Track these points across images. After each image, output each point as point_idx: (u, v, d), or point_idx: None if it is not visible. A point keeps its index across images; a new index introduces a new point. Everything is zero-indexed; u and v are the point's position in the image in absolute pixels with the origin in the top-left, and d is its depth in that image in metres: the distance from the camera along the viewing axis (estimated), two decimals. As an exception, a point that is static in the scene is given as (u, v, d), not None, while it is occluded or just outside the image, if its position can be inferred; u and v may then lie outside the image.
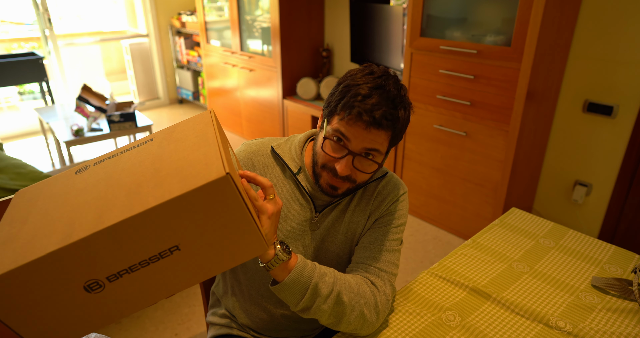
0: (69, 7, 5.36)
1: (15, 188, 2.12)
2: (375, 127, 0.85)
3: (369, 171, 0.92)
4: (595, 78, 2.25)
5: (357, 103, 0.84)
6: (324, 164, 0.92)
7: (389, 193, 1.02)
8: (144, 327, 1.95)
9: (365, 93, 0.85)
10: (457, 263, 1.23)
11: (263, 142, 1.04)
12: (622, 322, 1.02)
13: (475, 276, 1.17)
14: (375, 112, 0.84)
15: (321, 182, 0.94)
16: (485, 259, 1.25)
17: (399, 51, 2.81)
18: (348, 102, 0.86)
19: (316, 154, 0.94)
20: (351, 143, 0.87)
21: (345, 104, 0.86)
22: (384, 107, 0.85)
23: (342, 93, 0.88)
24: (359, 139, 0.86)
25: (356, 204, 1.02)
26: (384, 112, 0.84)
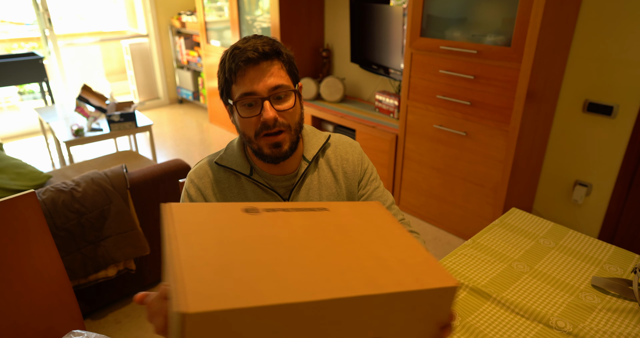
0: (69, 7, 5.36)
1: (16, 188, 2.12)
2: (263, 59, 0.88)
3: (291, 106, 0.93)
4: (595, 78, 2.25)
5: (237, 55, 0.89)
6: (255, 132, 0.93)
7: (350, 155, 1.09)
8: (144, 327, 1.95)
9: (240, 48, 0.89)
10: (457, 263, 1.23)
11: (203, 164, 1.04)
12: (622, 322, 1.02)
13: (475, 276, 1.17)
14: (254, 48, 0.88)
15: (265, 151, 0.94)
16: (485, 259, 1.25)
17: (399, 51, 2.81)
18: (232, 67, 0.89)
19: (244, 132, 0.95)
20: (257, 91, 0.89)
21: (231, 70, 0.90)
22: (260, 42, 0.90)
23: (224, 68, 0.92)
24: (258, 82, 0.89)
25: (323, 178, 1.06)
26: (262, 43, 0.89)
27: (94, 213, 1.83)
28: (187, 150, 3.95)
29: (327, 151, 1.08)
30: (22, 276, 1.24)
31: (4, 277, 1.20)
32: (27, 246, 1.23)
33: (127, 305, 2.09)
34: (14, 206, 1.19)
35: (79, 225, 1.79)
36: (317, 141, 1.06)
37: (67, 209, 1.77)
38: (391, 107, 3.04)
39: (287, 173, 1.02)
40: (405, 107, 2.69)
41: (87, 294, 1.93)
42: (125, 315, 2.02)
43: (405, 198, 2.90)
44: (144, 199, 2.00)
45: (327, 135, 1.09)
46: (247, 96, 0.89)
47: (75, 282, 1.83)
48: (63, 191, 1.79)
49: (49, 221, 1.74)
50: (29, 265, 1.24)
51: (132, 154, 2.91)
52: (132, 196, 1.96)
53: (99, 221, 1.84)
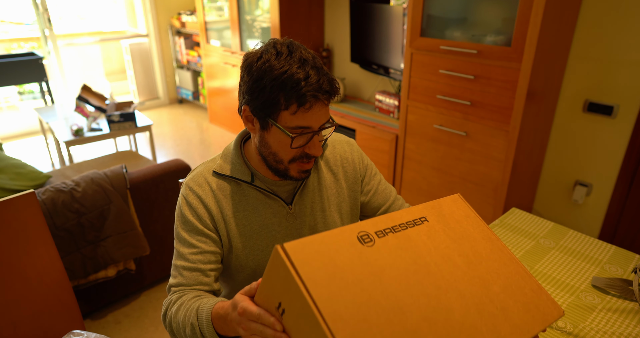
0: (68, 7, 5.36)
1: (15, 188, 2.12)
2: (332, 97, 0.88)
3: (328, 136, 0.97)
4: (595, 78, 2.25)
5: (305, 88, 0.83)
6: (293, 158, 0.92)
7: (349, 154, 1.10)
8: (144, 327, 1.95)
9: (302, 75, 0.83)
10: (457, 263, 1.23)
11: (201, 172, 1.01)
12: (623, 322, 1.02)
13: (475, 276, 1.17)
14: (323, 85, 0.85)
15: (293, 174, 0.95)
16: (485, 259, 1.25)
17: (399, 51, 2.81)
18: (292, 92, 0.83)
19: (277, 152, 0.92)
20: (312, 127, 0.88)
21: (289, 96, 0.83)
22: (324, 76, 0.86)
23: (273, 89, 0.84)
24: (319, 119, 0.88)
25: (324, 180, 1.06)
26: (328, 80, 0.86)
27: (93, 213, 1.82)
28: (187, 150, 3.95)
29: (325, 152, 1.08)
30: (22, 276, 1.23)
31: (4, 277, 1.20)
32: (27, 246, 1.23)
33: (127, 305, 2.09)
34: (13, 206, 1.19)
35: (78, 225, 1.79)
36: None
37: (67, 209, 1.77)
38: (391, 107, 3.04)
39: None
40: (405, 107, 2.69)
41: (87, 294, 1.93)
42: (125, 315, 2.02)
43: (405, 198, 2.90)
44: (144, 199, 2.00)
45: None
46: (301, 129, 0.87)
47: (75, 282, 1.83)
48: (63, 191, 1.79)
49: (48, 221, 1.73)
50: (29, 265, 1.24)
51: (132, 154, 2.91)
52: (132, 196, 1.96)
53: (99, 221, 1.84)
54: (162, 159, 3.75)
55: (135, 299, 2.12)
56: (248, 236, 1.00)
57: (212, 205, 0.98)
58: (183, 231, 0.98)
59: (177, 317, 0.90)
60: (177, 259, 0.98)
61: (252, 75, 0.87)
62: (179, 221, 0.99)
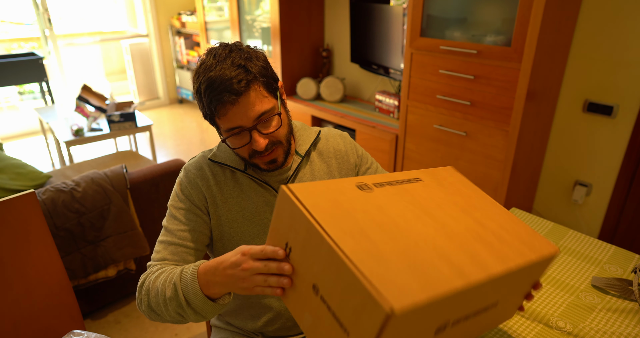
0: (69, 7, 5.36)
1: (16, 188, 2.12)
2: (239, 96, 0.86)
3: (277, 126, 0.93)
4: (595, 78, 2.25)
5: (212, 95, 0.86)
6: (249, 155, 0.96)
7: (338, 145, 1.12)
8: (144, 327, 1.95)
9: (209, 84, 0.86)
10: (457, 263, 1.23)
11: (199, 159, 1.05)
12: (622, 322, 1.02)
13: (475, 276, 1.17)
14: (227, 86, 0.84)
15: (262, 167, 0.98)
16: (485, 259, 1.25)
17: (399, 51, 2.81)
18: (209, 101, 0.87)
19: (238, 153, 0.98)
20: (242, 126, 0.89)
21: (209, 105, 0.87)
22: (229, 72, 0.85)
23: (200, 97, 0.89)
24: (242, 117, 0.88)
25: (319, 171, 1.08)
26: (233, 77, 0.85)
27: (93, 213, 1.83)
28: (187, 150, 3.95)
29: (318, 145, 1.11)
30: (22, 276, 1.24)
31: (4, 277, 1.20)
32: (27, 246, 1.23)
33: (127, 305, 2.09)
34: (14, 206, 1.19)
35: (78, 225, 1.79)
36: (308, 136, 1.08)
37: (67, 209, 1.77)
38: (391, 107, 3.04)
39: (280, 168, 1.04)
40: (405, 107, 2.69)
41: (87, 294, 1.93)
42: (125, 315, 2.02)
43: (405, 198, 2.90)
44: (144, 199, 2.00)
45: (317, 130, 1.11)
46: (233, 130, 0.90)
47: (75, 282, 1.83)
48: (63, 191, 1.79)
49: (49, 221, 1.74)
50: (29, 265, 1.24)
51: (132, 154, 2.91)
52: (132, 196, 1.96)
53: (99, 221, 1.84)
54: (162, 159, 3.75)
55: (135, 299, 2.12)
56: (240, 222, 1.03)
57: (206, 188, 1.01)
58: (175, 209, 1.00)
59: (155, 283, 0.87)
60: (164, 235, 0.99)
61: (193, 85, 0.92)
62: (173, 201, 1.02)
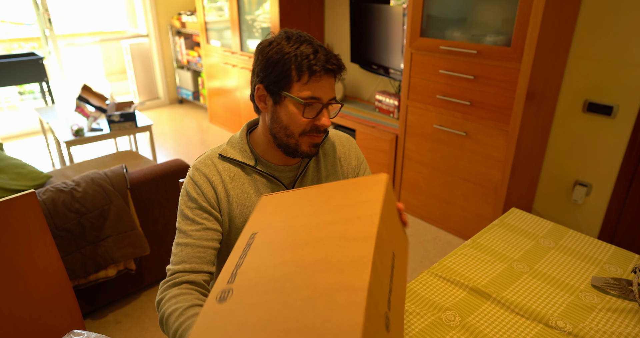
0: (69, 7, 5.36)
1: (16, 188, 2.12)
2: (336, 73, 0.96)
3: (335, 115, 1.04)
4: (595, 78, 2.25)
5: (314, 61, 0.92)
6: (303, 130, 0.98)
7: (347, 149, 1.16)
8: (144, 327, 1.95)
9: (311, 51, 0.93)
10: (457, 263, 1.23)
11: (208, 156, 1.06)
12: (622, 322, 1.02)
13: (475, 276, 1.17)
14: (332, 60, 0.94)
15: (304, 149, 1.00)
16: (485, 259, 1.25)
17: (399, 51, 2.81)
18: (303, 65, 0.92)
19: (288, 126, 0.98)
20: (322, 98, 0.95)
21: (302, 68, 0.92)
22: (330, 53, 0.95)
23: (289, 61, 0.93)
24: (327, 91, 0.96)
25: (326, 169, 1.11)
26: (336, 58, 0.96)
27: (94, 213, 1.83)
28: (187, 150, 3.95)
29: (326, 145, 1.14)
30: (22, 276, 1.24)
31: (4, 277, 1.20)
32: (27, 246, 1.23)
33: (127, 305, 2.09)
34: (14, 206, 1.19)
35: (79, 225, 1.80)
36: None
37: (67, 209, 1.77)
38: (391, 107, 3.04)
39: (290, 164, 1.07)
40: (405, 107, 2.69)
41: (87, 294, 1.93)
42: (125, 315, 2.02)
43: (405, 198, 2.90)
44: (144, 199, 2.00)
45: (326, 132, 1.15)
46: (312, 100, 0.94)
47: (75, 282, 1.83)
48: (63, 191, 1.79)
49: (49, 221, 1.74)
50: (29, 265, 1.24)
51: (132, 154, 2.91)
52: (132, 196, 1.96)
53: (99, 221, 1.84)
54: (162, 159, 3.76)
55: (135, 299, 2.12)
56: (245, 217, 1.05)
57: (217, 184, 1.03)
58: (187, 209, 1.01)
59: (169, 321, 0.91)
60: (179, 237, 1.01)
61: (265, 54, 0.95)
62: (184, 200, 1.03)
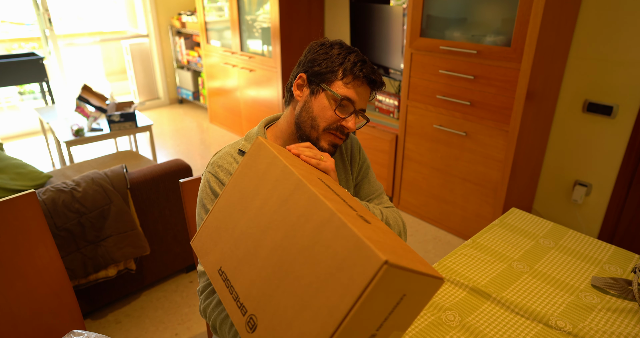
0: (69, 7, 5.36)
1: (16, 188, 2.12)
2: (377, 87, 1.01)
3: (361, 125, 1.07)
4: (595, 78, 2.25)
5: (362, 68, 0.98)
6: (328, 126, 1.01)
7: (351, 145, 1.19)
8: (144, 327, 1.95)
9: (359, 60, 0.99)
10: (457, 263, 1.23)
11: (227, 152, 1.07)
12: (622, 322, 1.02)
13: (475, 276, 1.18)
14: (374, 73, 0.99)
15: (322, 144, 1.02)
16: (485, 259, 1.25)
17: (399, 51, 2.81)
18: (351, 68, 0.98)
19: (315, 118, 1.01)
20: (356, 103, 1.00)
21: (347, 70, 0.98)
22: (376, 69, 1.01)
23: (337, 59, 0.98)
24: (362, 99, 1.00)
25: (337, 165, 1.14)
26: (380, 74, 1.02)
27: (94, 213, 1.83)
28: (187, 150, 3.95)
29: None
30: (22, 276, 1.24)
31: (4, 277, 1.20)
32: (27, 246, 1.23)
33: (127, 305, 2.09)
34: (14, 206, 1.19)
35: (79, 225, 1.80)
36: None
37: (67, 209, 1.77)
38: (391, 107, 3.04)
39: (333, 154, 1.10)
40: (405, 107, 2.69)
41: (87, 294, 1.93)
42: (125, 315, 2.02)
43: (405, 198, 2.90)
44: (144, 199, 2.01)
45: None
46: (347, 101, 0.99)
47: (76, 282, 1.83)
48: (63, 191, 1.79)
49: (49, 221, 1.74)
50: (29, 265, 1.24)
51: (132, 154, 2.91)
52: (132, 196, 1.96)
53: (99, 221, 1.84)
54: (162, 159, 3.76)
55: (135, 299, 2.12)
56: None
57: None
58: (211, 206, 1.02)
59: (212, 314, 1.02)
60: None
61: (317, 50, 1.01)
62: (207, 199, 1.02)
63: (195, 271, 2.33)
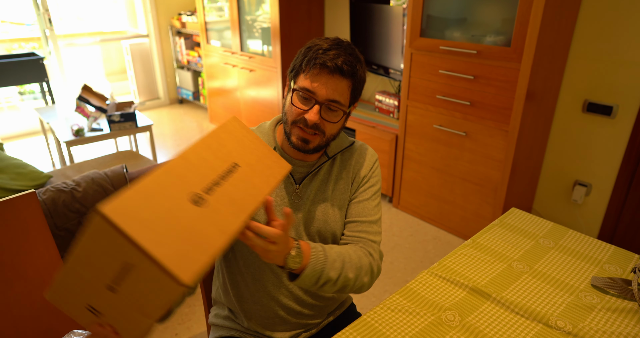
0: (69, 7, 5.36)
1: (16, 188, 2.12)
2: (338, 73, 0.94)
3: (335, 121, 0.99)
4: (595, 78, 2.25)
5: (319, 56, 0.94)
6: (294, 120, 0.99)
7: (364, 161, 1.13)
8: (144, 327, 1.95)
9: (325, 47, 0.95)
10: (457, 263, 1.23)
11: None
12: (622, 322, 1.02)
13: (475, 276, 1.18)
14: (336, 60, 0.94)
15: (293, 139, 1.01)
16: (485, 259, 1.25)
17: (399, 51, 2.81)
18: (311, 58, 0.95)
19: (286, 113, 1.02)
20: (317, 94, 0.95)
21: (309, 61, 0.96)
22: (343, 56, 0.95)
23: (304, 54, 0.98)
24: (324, 88, 0.95)
25: (337, 174, 1.10)
26: (344, 60, 0.94)
27: (94, 213, 1.83)
28: (187, 150, 3.94)
29: (346, 153, 1.13)
30: (22, 276, 1.24)
31: (4, 277, 1.20)
32: (27, 246, 1.23)
33: (127, 305, 2.09)
34: (14, 206, 1.19)
35: (79, 225, 1.80)
36: (341, 143, 1.12)
37: (68, 209, 1.77)
38: (391, 107, 3.04)
39: (307, 161, 1.08)
40: (405, 107, 2.69)
41: (87, 294, 1.93)
42: (126, 315, 2.03)
43: (405, 198, 2.90)
44: (144, 199, 2.00)
45: (352, 141, 1.15)
46: (306, 92, 0.96)
47: (76, 282, 1.83)
48: (63, 191, 1.79)
49: (49, 221, 1.74)
50: (29, 265, 1.24)
51: (132, 154, 2.91)
52: (132, 196, 1.96)
53: (99, 221, 1.84)
54: (162, 159, 3.76)
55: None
56: None
57: None
58: None
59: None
60: None
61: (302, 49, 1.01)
62: None
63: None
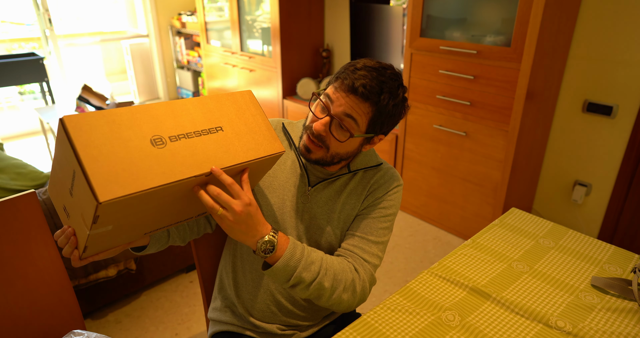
0: (69, 7, 5.36)
1: (16, 188, 2.13)
2: (353, 93, 0.92)
3: (342, 140, 0.97)
4: (595, 78, 2.25)
5: (347, 72, 0.95)
6: (308, 125, 1.01)
7: (384, 182, 1.09)
8: (144, 327, 1.95)
9: (358, 67, 0.95)
10: (457, 263, 1.23)
11: (279, 120, 1.16)
12: (622, 322, 1.02)
13: (475, 276, 1.18)
14: (357, 80, 0.92)
15: (300, 143, 1.03)
16: (485, 259, 1.25)
17: (399, 51, 2.81)
18: (340, 72, 0.97)
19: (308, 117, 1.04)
20: (333, 105, 0.95)
21: (338, 74, 0.97)
22: (368, 80, 0.92)
23: (341, 68, 0.99)
24: (339, 102, 0.94)
25: (352, 189, 1.09)
26: (365, 83, 0.92)
27: (94, 213, 1.83)
28: (187, 150, 3.95)
29: (369, 172, 1.10)
30: (23, 276, 1.24)
31: (5, 277, 1.20)
32: (27, 246, 1.23)
33: (127, 304, 2.09)
34: (14, 206, 1.19)
35: (79, 225, 1.80)
36: (367, 161, 1.10)
37: (68, 209, 1.77)
38: (391, 108, 3.04)
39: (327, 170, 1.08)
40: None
41: (87, 294, 1.93)
42: (126, 315, 2.02)
43: (405, 198, 2.90)
44: (144, 199, 2.01)
45: (380, 161, 1.12)
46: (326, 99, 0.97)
47: (76, 282, 1.83)
48: (63, 191, 1.79)
49: (49, 221, 1.74)
50: (29, 265, 1.25)
51: (132, 154, 2.91)
52: (132, 196, 1.96)
53: (99, 221, 1.84)
54: (162, 159, 3.76)
55: (135, 299, 2.13)
56: (266, 186, 1.08)
57: None
58: None
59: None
60: None
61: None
62: None
63: (195, 272, 2.33)
